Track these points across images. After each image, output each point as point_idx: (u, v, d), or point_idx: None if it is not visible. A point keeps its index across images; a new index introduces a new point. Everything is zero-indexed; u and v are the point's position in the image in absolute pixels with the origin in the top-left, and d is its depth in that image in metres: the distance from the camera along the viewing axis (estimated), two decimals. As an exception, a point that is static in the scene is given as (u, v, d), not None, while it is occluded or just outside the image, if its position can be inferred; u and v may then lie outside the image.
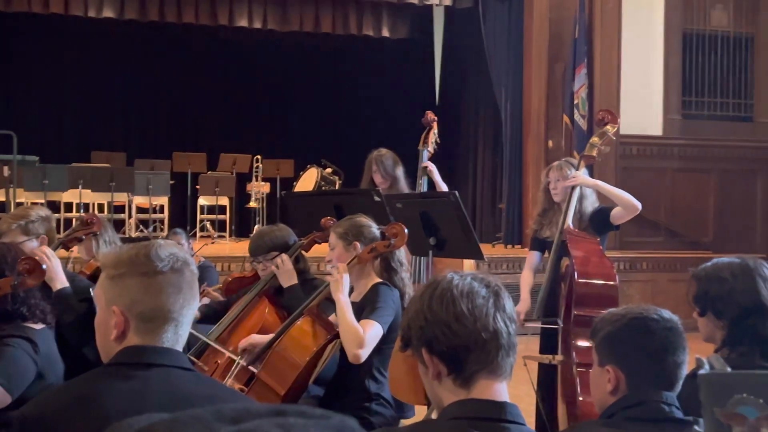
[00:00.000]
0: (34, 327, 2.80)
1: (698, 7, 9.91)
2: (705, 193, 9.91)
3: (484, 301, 1.61)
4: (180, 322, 1.82)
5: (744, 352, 2.34)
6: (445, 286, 1.64)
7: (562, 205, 4.45)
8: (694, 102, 9.97)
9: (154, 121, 13.55)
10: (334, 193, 7.35)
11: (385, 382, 3.40)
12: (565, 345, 3.99)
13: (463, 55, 11.99)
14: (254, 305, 3.86)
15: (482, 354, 1.60)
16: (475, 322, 1.59)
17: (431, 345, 1.62)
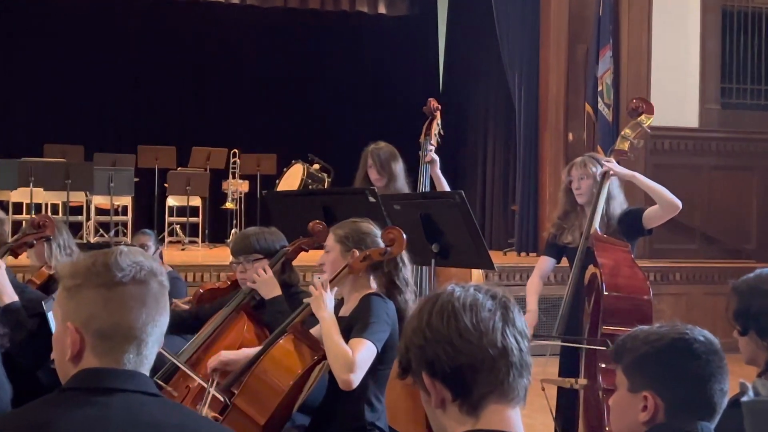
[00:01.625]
0: None
1: (741, -20, 9.94)
2: (747, 193, 9.92)
3: (491, 314, 1.60)
4: (144, 340, 1.81)
5: (792, 377, 2.35)
6: (445, 299, 1.63)
7: (586, 207, 4.44)
8: (734, 89, 9.98)
9: (116, 110, 13.52)
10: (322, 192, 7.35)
11: (381, 410, 3.39)
12: (590, 367, 3.99)
13: (471, 35, 12.00)
14: (231, 321, 3.85)
15: (491, 374, 1.59)
16: (480, 337, 1.58)
17: (432, 367, 1.60)
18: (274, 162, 11.45)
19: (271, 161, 11.50)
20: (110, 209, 10.49)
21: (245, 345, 3.70)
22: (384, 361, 3.32)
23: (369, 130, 7.34)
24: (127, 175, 10.32)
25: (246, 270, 3.91)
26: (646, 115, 4.47)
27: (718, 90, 9.90)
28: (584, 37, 9.75)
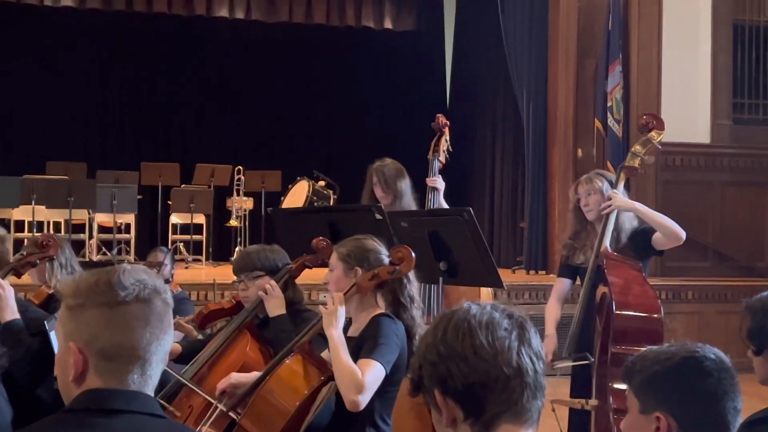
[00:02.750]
0: None
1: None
2: (760, 210, 9.90)
3: (507, 333, 1.60)
4: (148, 360, 1.81)
5: (808, 396, 2.34)
6: (461, 316, 1.63)
7: (596, 224, 4.44)
8: (746, 105, 9.98)
9: (120, 127, 13.56)
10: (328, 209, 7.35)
11: (388, 431, 3.38)
12: (601, 388, 3.98)
13: (478, 51, 12.02)
14: (234, 340, 3.85)
15: (504, 393, 1.58)
16: (495, 356, 1.58)
17: (445, 384, 1.60)
18: (278, 179, 11.44)
19: (275, 178, 11.49)
20: (113, 227, 10.50)
21: (248, 364, 3.69)
22: (392, 383, 3.31)
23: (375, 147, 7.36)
24: (130, 192, 10.33)
25: (248, 288, 3.92)
26: (657, 131, 4.47)
27: (729, 105, 9.89)
28: (593, 51, 9.76)
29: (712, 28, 9.80)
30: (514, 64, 10.27)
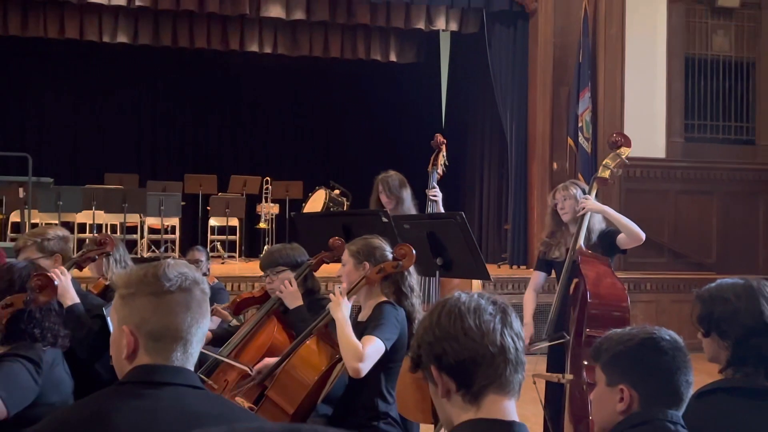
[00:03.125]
0: (43, 348, 2.79)
1: (700, 33, 9.94)
2: (708, 214, 9.89)
3: (491, 317, 1.61)
4: (189, 341, 1.81)
5: (749, 372, 2.32)
6: (453, 303, 1.64)
7: (570, 225, 4.44)
8: (696, 125, 9.96)
9: (166, 144, 13.60)
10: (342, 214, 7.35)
11: (393, 402, 3.38)
12: (575, 364, 3.97)
13: (469, 79, 12.03)
14: (263, 324, 3.85)
15: (490, 369, 1.59)
16: (482, 336, 1.59)
17: (440, 360, 1.61)
18: (300, 188, 11.47)
19: (298, 187, 11.52)
20: (161, 229, 10.52)
21: (275, 344, 3.69)
22: (395, 359, 3.32)
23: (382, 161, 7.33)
24: (175, 199, 10.34)
25: (273, 281, 3.93)
26: (625, 148, 4.46)
27: (682, 125, 9.88)
28: (566, 80, 9.76)
29: (667, 60, 9.79)
30: (500, 90, 10.27)
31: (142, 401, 1.73)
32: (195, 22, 11.25)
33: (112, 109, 13.10)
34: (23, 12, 10.72)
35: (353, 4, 10.38)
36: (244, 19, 11.07)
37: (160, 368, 1.77)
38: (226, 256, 10.92)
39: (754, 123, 10.10)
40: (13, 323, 2.77)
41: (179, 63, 12.88)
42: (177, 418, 1.68)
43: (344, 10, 10.52)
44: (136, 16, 11.04)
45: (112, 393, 1.79)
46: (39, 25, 10.78)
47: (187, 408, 1.72)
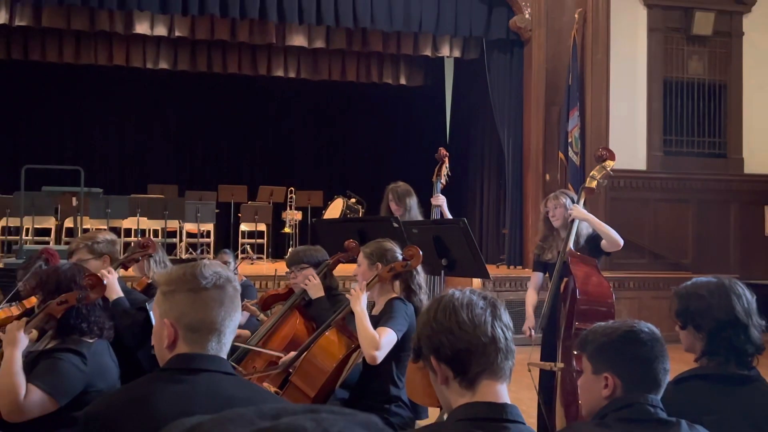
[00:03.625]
0: (89, 341, 2.80)
1: (677, 58, 9.91)
2: (684, 220, 9.84)
3: (482, 311, 1.61)
4: (222, 332, 1.81)
5: (721, 361, 2.31)
6: (447, 299, 1.64)
7: (561, 230, 4.43)
8: (674, 140, 9.92)
9: (202, 158, 13.65)
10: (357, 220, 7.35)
11: (403, 387, 3.38)
12: (566, 354, 3.95)
13: (471, 100, 12.02)
14: (287, 317, 3.86)
15: (483, 357, 1.58)
16: (474, 328, 1.59)
17: (438, 352, 1.61)
18: (320, 197, 11.49)
19: (318, 196, 11.54)
20: (197, 233, 10.55)
21: (297, 335, 3.70)
22: (404, 349, 3.32)
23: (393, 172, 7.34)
24: (210, 207, 10.38)
25: (296, 276, 3.94)
26: (609, 161, 4.45)
27: (661, 141, 9.84)
28: (557, 100, 9.75)
29: (647, 83, 9.77)
30: (498, 110, 10.27)
31: (180, 386, 1.74)
32: (228, 50, 11.32)
33: (154, 127, 13.16)
34: (77, 42, 10.82)
35: (367, 33, 10.41)
36: (271, 47, 11.13)
37: (196, 356, 1.78)
38: (255, 257, 10.94)
39: (725, 138, 10.06)
40: (63, 319, 2.78)
41: (213, 86, 12.93)
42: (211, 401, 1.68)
43: (359, 39, 10.55)
44: (176, 45, 11.11)
45: (155, 378, 1.80)
46: (91, 53, 10.88)
47: (220, 392, 1.73)
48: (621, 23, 9.66)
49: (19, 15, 9.57)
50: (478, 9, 9.91)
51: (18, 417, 2.56)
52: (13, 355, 2.62)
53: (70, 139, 12.86)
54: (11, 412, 2.56)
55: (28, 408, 2.56)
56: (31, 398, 2.56)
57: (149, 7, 9.23)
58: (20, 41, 10.73)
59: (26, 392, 2.57)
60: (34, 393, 2.57)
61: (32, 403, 2.56)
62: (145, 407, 1.70)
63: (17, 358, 2.62)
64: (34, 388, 2.58)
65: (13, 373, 2.58)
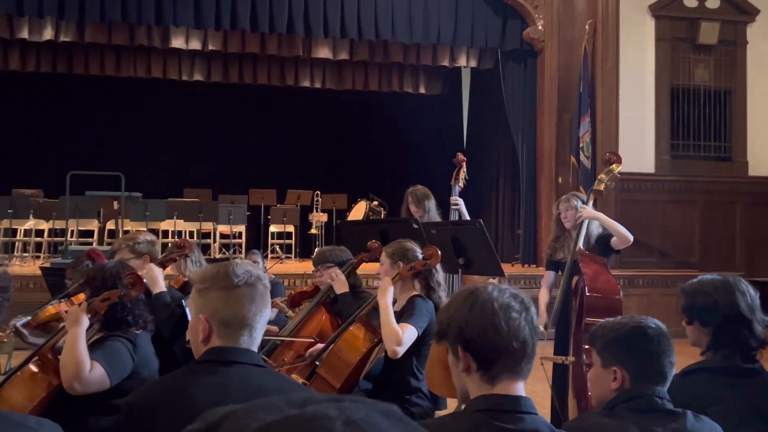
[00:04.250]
0: (135, 332, 2.84)
1: (684, 66, 9.81)
2: (691, 220, 9.74)
3: (518, 315, 1.58)
4: (254, 326, 1.83)
5: (727, 354, 2.30)
6: (485, 297, 1.59)
7: (572, 231, 4.40)
8: (681, 144, 9.83)
9: (235, 164, 13.72)
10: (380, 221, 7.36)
11: (422, 379, 3.38)
12: (577, 348, 3.93)
13: (486, 107, 11.99)
14: (314, 313, 3.88)
15: (510, 360, 1.57)
16: (508, 333, 1.56)
17: (467, 344, 1.58)
18: (345, 200, 11.51)
19: (343, 199, 11.56)
20: (230, 234, 10.61)
21: (323, 330, 3.71)
22: (424, 343, 3.32)
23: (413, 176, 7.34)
24: (242, 210, 10.44)
25: (322, 275, 3.96)
26: (616, 164, 4.42)
27: (668, 145, 9.75)
28: (569, 107, 9.70)
29: (655, 90, 9.69)
30: (512, 117, 10.23)
31: (215, 377, 1.75)
32: (258, 63, 11.40)
33: (189, 135, 13.25)
34: (117, 56, 10.95)
35: (389, 45, 10.42)
36: (298, 59, 11.19)
37: (229, 350, 1.80)
38: (284, 256, 10.99)
39: (730, 142, 9.95)
40: (109, 314, 2.82)
41: (244, 97, 13.00)
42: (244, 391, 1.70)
43: (381, 51, 10.57)
44: (209, 58, 11.21)
45: (190, 370, 1.82)
46: (130, 66, 11.00)
47: (252, 383, 1.75)
48: (630, 33, 9.59)
49: (64, 31, 9.70)
50: (493, 21, 9.89)
51: (81, 390, 2.59)
52: (78, 333, 2.65)
53: (111, 147, 12.99)
54: (76, 384, 2.58)
55: (90, 382, 2.59)
56: (94, 372, 2.60)
57: (184, 23, 9.31)
58: (65, 56, 10.88)
59: (90, 367, 2.60)
60: (97, 368, 2.61)
61: (94, 378, 2.60)
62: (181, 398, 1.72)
63: (82, 335, 2.66)
64: (97, 364, 2.62)
65: (79, 347, 2.61)
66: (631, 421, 1.84)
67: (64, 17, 9.14)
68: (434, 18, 9.69)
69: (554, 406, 4.19)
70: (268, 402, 0.57)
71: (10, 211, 9.39)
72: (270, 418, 0.55)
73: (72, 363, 2.58)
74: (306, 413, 0.54)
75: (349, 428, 0.53)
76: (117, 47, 10.58)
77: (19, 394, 2.69)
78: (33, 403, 2.65)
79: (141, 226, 9.42)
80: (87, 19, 9.29)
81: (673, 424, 1.83)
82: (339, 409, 0.55)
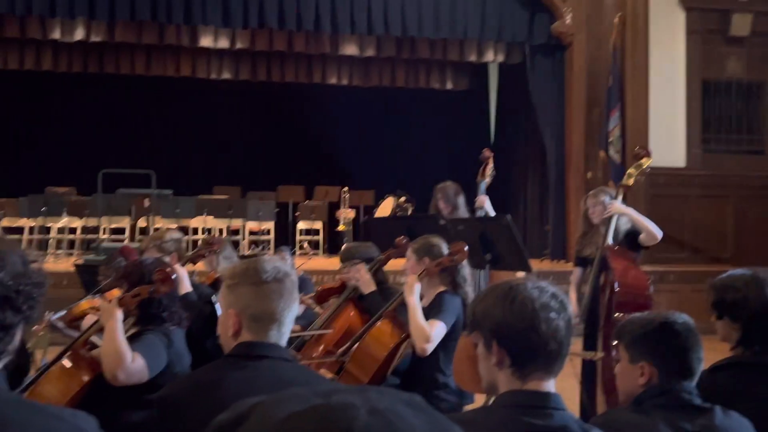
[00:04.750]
0: (170, 328, 2.89)
1: (716, 59, 9.67)
2: (723, 215, 9.61)
3: (557, 315, 1.55)
4: (282, 321, 1.85)
5: (756, 350, 2.28)
6: (525, 296, 1.56)
7: (600, 226, 4.37)
8: (712, 138, 9.70)
9: (263, 161, 13.80)
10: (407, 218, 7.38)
11: (450, 374, 3.38)
12: (606, 344, 3.92)
13: (514, 102, 11.92)
14: (341, 309, 3.89)
15: (545, 359, 1.56)
16: (546, 335, 1.54)
17: (502, 339, 1.57)
18: (372, 196, 11.53)
19: (370, 196, 11.58)
20: (259, 231, 10.69)
21: (351, 326, 3.72)
22: (452, 339, 3.32)
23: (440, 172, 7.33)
24: (270, 206, 10.51)
25: (349, 272, 3.97)
26: (646, 159, 4.40)
27: (700, 139, 9.63)
28: (598, 101, 9.61)
29: (686, 83, 9.56)
30: (540, 111, 10.17)
31: (244, 371, 1.78)
32: (285, 61, 11.47)
33: (218, 133, 13.36)
34: (147, 56, 11.09)
35: (415, 41, 10.41)
36: (325, 57, 11.24)
37: (259, 344, 1.83)
38: (312, 253, 11.02)
39: (763, 136, 9.80)
40: (144, 309, 2.86)
41: (272, 95, 13.07)
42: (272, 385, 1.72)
43: (408, 47, 10.57)
44: (237, 57, 11.31)
45: (221, 365, 1.86)
46: (160, 66, 11.15)
47: (281, 376, 1.77)
48: (660, 26, 9.47)
49: (95, 31, 9.85)
50: (520, 16, 9.83)
51: (124, 379, 2.63)
52: (116, 325, 2.69)
53: (142, 145, 13.15)
54: (120, 374, 2.62)
55: (131, 372, 2.63)
56: (136, 363, 2.64)
57: (213, 22, 9.41)
58: (96, 56, 11.04)
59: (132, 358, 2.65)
60: (138, 359, 2.66)
61: (136, 368, 2.64)
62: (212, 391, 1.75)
63: (120, 327, 2.70)
64: (138, 355, 2.66)
65: (119, 339, 2.65)
66: (658, 416, 1.83)
67: (94, 18, 9.28)
68: (461, 13, 9.66)
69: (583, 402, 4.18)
70: (295, 392, 0.59)
71: (43, 209, 9.56)
72: (296, 408, 0.57)
73: (114, 353, 2.62)
74: (331, 402, 0.56)
75: (373, 417, 0.55)
76: (147, 47, 10.71)
77: (53, 388, 2.74)
78: (67, 398, 2.70)
79: (171, 223, 9.53)
80: (117, 19, 9.42)
81: (701, 419, 1.82)
82: (364, 399, 0.56)
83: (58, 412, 1.33)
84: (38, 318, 3.19)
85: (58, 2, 8.90)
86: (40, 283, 1.29)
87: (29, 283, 1.26)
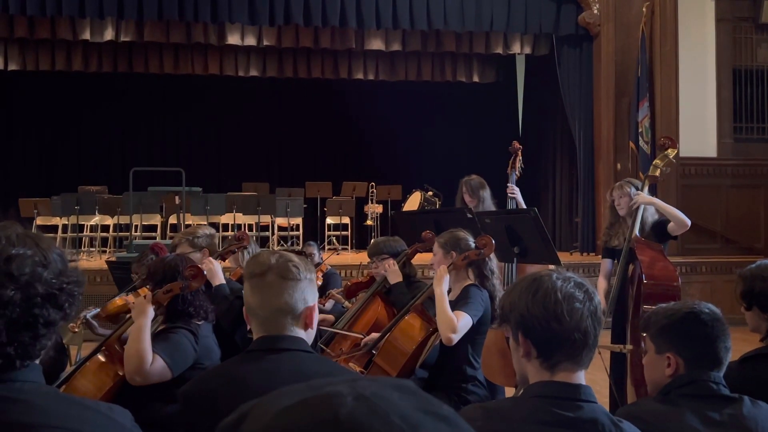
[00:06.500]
0: (197, 323, 2.92)
1: (746, 47, 9.51)
2: (756, 205, 9.46)
3: (581, 305, 1.55)
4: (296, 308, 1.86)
5: (787, 341, 2.25)
6: (549, 286, 1.56)
7: (626, 218, 4.34)
8: (744, 127, 9.54)
9: (291, 157, 13.89)
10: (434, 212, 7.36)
11: (478, 367, 3.38)
12: (634, 336, 3.88)
13: (542, 94, 11.84)
14: (369, 303, 3.91)
15: (571, 349, 1.55)
16: (570, 323, 1.54)
17: (528, 331, 1.57)
18: (399, 191, 11.51)
19: (397, 190, 11.57)
20: (287, 227, 10.76)
21: (379, 319, 3.74)
22: (480, 333, 3.32)
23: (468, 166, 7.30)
24: (298, 203, 10.55)
25: (378, 266, 3.99)
26: (672, 149, 4.34)
27: (731, 128, 9.48)
28: (627, 91, 9.50)
29: (716, 71, 9.42)
30: (569, 103, 10.08)
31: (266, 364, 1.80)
32: (312, 56, 11.50)
33: (246, 130, 13.46)
34: (175, 54, 11.20)
35: (441, 35, 10.39)
36: (351, 52, 11.25)
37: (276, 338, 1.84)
38: (340, 248, 11.06)
39: (797, 124, 9.62)
40: (171, 306, 2.91)
41: (300, 91, 13.13)
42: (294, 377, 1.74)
43: (433, 41, 10.54)
44: (264, 54, 11.37)
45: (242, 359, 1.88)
46: (188, 64, 11.25)
47: (302, 368, 1.79)
48: (689, 15, 9.34)
49: (124, 31, 9.98)
50: (547, 6, 9.75)
51: (142, 381, 2.68)
52: (144, 324, 2.74)
53: (172, 144, 13.31)
54: (137, 376, 2.67)
55: (150, 374, 2.68)
56: (154, 365, 2.69)
57: (240, 19, 9.47)
58: (125, 55, 11.18)
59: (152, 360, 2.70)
60: (158, 361, 2.70)
61: (155, 370, 2.69)
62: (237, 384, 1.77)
63: (147, 327, 2.75)
64: (157, 357, 2.71)
65: (143, 340, 2.70)
66: (686, 406, 1.82)
67: (123, 17, 9.40)
68: (487, 5, 9.61)
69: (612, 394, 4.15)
70: (292, 388, 0.61)
71: (76, 207, 9.72)
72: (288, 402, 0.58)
73: (135, 356, 2.68)
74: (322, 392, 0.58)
75: (358, 402, 0.57)
76: (175, 45, 10.82)
77: (88, 383, 2.80)
78: (102, 392, 2.76)
79: (201, 219, 9.63)
80: (146, 19, 9.53)
81: (728, 409, 1.81)
82: (351, 387, 0.58)
83: (94, 405, 1.36)
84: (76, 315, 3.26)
85: (88, 3, 9.03)
86: (79, 281, 1.32)
87: (70, 281, 1.29)
